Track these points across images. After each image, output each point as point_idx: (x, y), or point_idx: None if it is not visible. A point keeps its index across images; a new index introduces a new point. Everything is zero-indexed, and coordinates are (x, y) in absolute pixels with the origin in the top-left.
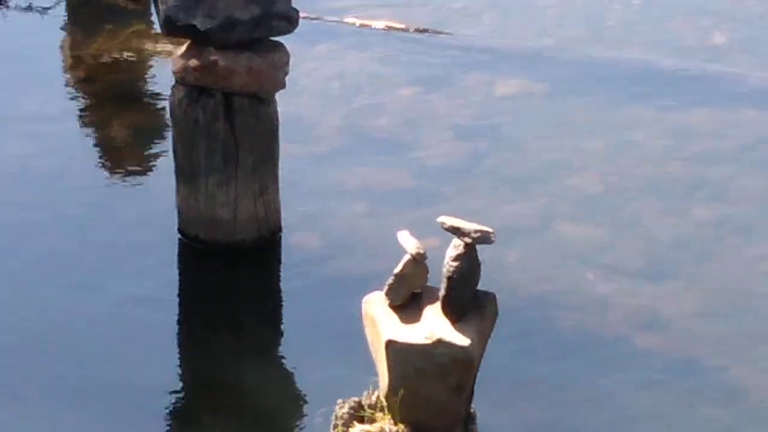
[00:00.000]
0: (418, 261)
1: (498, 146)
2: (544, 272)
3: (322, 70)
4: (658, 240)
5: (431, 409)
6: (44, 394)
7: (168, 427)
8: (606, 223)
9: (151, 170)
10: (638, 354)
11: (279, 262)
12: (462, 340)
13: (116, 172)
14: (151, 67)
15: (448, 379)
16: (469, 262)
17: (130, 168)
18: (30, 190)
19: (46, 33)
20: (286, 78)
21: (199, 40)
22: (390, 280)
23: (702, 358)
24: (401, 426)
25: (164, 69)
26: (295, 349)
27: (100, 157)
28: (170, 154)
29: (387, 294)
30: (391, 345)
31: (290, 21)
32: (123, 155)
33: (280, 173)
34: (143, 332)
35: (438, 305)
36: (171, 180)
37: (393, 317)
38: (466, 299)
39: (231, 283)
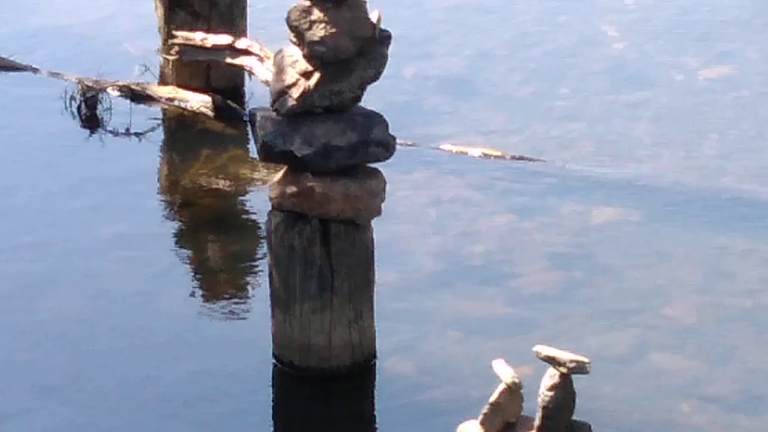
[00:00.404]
0: (514, 390)
1: (593, 275)
2: (638, 403)
3: (418, 197)
4: (754, 371)
5: None
6: None
7: None
8: (701, 353)
9: (245, 295)
10: None
11: (373, 389)
12: None
13: (211, 297)
14: (247, 192)
15: None
16: (564, 391)
17: (224, 293)
18: (122, 313)
19: (143, 156)
20: (383, 204)
21: (296, 167)
22: (485, 408)
23: None
24: None
25: (261, 194)
26: None
27: (195, 282)
28: (265, 279)
29: (482, 423)
30: None
31: (387, 148)
32: (218, 280)
33: (375, 299)
34: None
35: None
36: (266, 305)
37: None
38: (562, 429)
39: (325, 409)
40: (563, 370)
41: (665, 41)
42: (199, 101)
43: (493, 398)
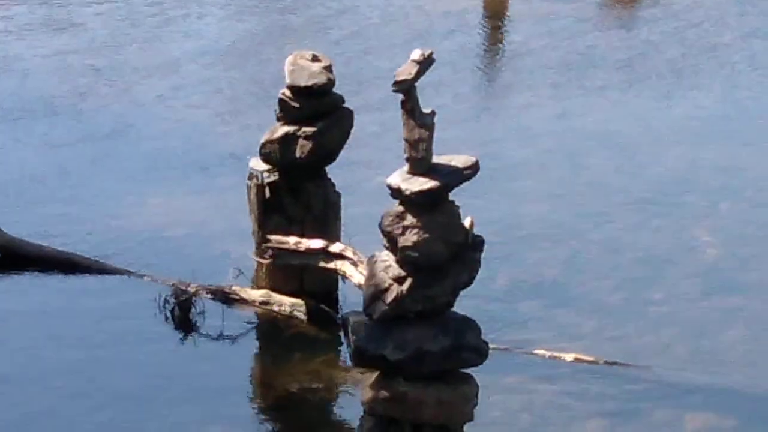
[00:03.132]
0: None
1: None
2: None
3: (511, 402)
4: None
5: None
6: None
7: None
8: None
9: None
10: None
11: None
12: None
13: None
14: (339, 396)
15: None
16: None
17: None
18: None
19: (236, 360)
20: (475, 409)
21: (389, 371)
22: None
23: None
24: None
25: (353, 399)
26: None
27: None
28: None
29: None
30: None
31: (480, 353)
32: None
33: None
34: None
35: None
36: None
37: None
38: None
39: None
40: None
41: (761, 247)
42: (292, 305)
43: None
